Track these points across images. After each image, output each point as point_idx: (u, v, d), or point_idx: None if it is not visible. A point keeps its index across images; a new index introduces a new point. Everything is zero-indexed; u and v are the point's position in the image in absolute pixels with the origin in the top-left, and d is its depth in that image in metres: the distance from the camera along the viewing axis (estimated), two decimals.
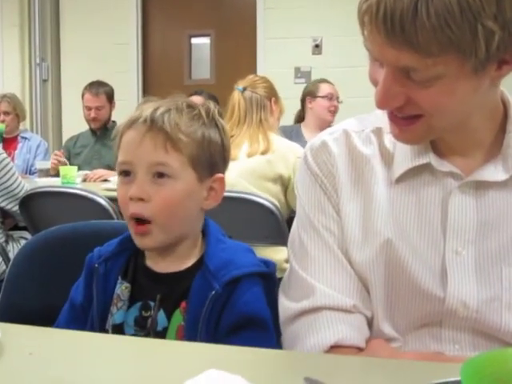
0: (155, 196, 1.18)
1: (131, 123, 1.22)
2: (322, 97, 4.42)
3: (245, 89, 2.98)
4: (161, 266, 1.26)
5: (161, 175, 1.19)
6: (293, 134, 4.18)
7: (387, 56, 0.96)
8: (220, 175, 1.27)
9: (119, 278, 1.26)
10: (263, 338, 1.16)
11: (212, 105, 1.28)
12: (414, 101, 0.99)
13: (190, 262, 1.25)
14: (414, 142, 1.08)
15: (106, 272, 1.27)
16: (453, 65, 0.93)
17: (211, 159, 1.24)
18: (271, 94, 3.03)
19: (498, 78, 1.00)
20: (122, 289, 1.25)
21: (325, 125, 4.27)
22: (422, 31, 0.89)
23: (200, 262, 1.23)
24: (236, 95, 2.98)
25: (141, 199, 1.18)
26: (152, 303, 1.23)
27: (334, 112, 4.42)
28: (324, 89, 4.45)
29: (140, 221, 1.20)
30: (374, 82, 1.02)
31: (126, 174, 1.22)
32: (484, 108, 1.06)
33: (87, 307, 1.28)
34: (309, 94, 4.47)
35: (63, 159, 4.18)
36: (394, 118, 1.05)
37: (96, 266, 1.27)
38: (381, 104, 1.02)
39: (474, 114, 1.05)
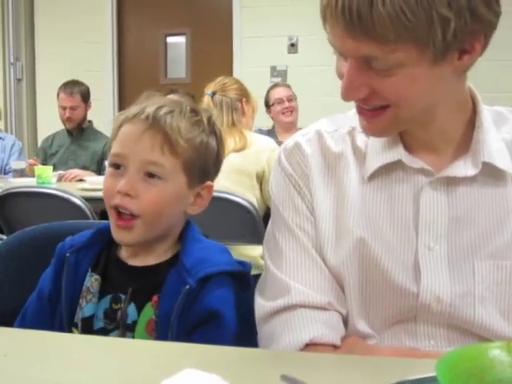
0: (143, 194, 1.18)
1: (132, 117, 1.20)
2: (272, 104, 4.66)
3: (214, 93, 2.97)
4: (134, 259, 1.25)
5: (152, 175, 1.18)
6: (269, 136, 4.23)
7: (348, 47, 0.97)
8: (209, 183, 1.27)
9: (89, 270, 1.25)
10: (218, 334, 1.15)
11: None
12: (377, 91, 1.00)
13: (163, 257, 1.25)
14: (381, 133, 1.09)
15: (77, 262, 1.25)
16: (412, 53, 0.95)
17: (205, 167, 1.24)
18: (242, 95, 3.01)
19: (460, 68, 1.01)
20: (92, 281, 1.24)
21: (288, 126, 4.59)
22: (379, 20, 0.91)
23: (174, 259, 1.23)
24: (206, 100, 2.96)
25: (128, 195, 1.17)
26: (123, 296, 1.22)
27: (290, 112, 4.63)
28: (272, 95, 4.70)
29: (124, 215, 1.19)
30: (341, 76, 1.03)
31: (117, 166, 1.20)
32: (450, 101, 1.07)
33: (55, 298, 1.26)
34: (265, 106, 4.71)
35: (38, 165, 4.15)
36: (361, 110, 1.06)
37: (67, 255, 1.25)
38: (346, 95, 1.03)
39: (441, 106, 1.06)
